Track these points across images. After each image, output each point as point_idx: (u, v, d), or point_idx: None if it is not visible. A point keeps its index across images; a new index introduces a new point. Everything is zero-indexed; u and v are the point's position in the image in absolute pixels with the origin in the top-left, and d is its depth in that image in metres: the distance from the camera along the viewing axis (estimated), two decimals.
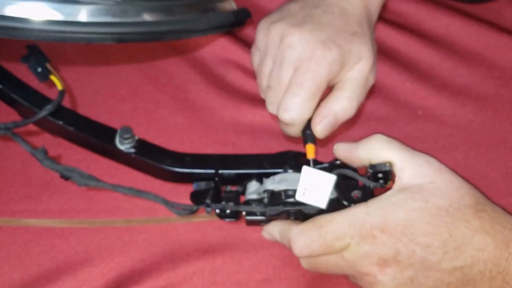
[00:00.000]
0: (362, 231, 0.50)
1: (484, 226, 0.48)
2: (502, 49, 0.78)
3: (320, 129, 0.58)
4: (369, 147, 0.53)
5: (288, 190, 0.55)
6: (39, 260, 0.62)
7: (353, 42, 0.58)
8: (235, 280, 0.61)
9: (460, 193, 0.50)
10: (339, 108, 0.58)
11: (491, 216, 0.49)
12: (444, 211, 0.48)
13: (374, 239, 0.49)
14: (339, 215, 0.51)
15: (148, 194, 0.55)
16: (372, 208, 0.50)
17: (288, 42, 0.58)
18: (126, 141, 0.58)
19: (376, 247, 0.49)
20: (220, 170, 0.59)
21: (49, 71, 0.55)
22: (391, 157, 0.52)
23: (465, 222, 0.48)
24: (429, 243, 0.48)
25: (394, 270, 0.50)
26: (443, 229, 0.48)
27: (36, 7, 0.48)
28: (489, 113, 0.74)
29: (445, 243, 0.48)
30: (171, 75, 0.78)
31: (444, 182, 0.50)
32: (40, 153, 0.53)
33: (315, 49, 0.57)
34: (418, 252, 0.49)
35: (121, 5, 0.51)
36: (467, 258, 0.48)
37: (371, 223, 0.49)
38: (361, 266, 0.51)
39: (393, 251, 0.49)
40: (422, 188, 0.50)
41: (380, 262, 0.50)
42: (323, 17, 0.60)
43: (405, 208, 0.49)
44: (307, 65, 0.57)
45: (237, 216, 0.58)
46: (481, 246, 0.48)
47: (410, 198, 0.49)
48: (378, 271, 0.50)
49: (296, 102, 0.57)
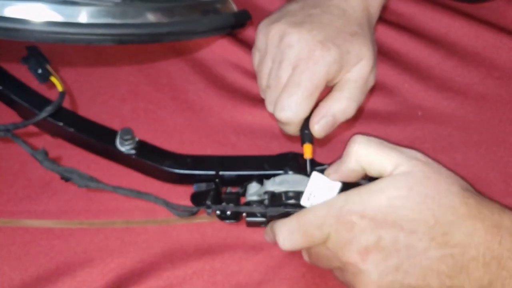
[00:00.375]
0: (340, 218, 0.49)
1: (471, 212, 0.47)
2: (501, 49, 0.78)
3: (318, 129, 0.58)
4: (355, 158, 0.51)
5: (288, 192, 0.55)
6: (39, 261, 0.62)
7: (352, 42, 0.58)
8: (235, 281, 0.61)
9: (448, 182, 0.48)
10: (338, 109, 0.58)
11: (477, 201, 0.48)
12: (429, 199, 0.47)
13: (353, 226, 0.48)
14: (319, 205, 0.51)
15: (148, 196, 0.55)
16: (352, 195, 0.49)
17: (287, 41, 0.58)
18: (127, 142, 0.58)
19: (356, 234, 0.48)
20: (221, 171, 0.59)
21: (49, 73, 0.55)
22: (381, 160, 0.50)
23: (452, 209, 0.47)
24: (413, 229, 0.47)
25: (376, 257, 0.48)
26: (428, 215, 0.47)
27: (36, 8, 0.48)
28: (489, 113, 0.74)
29: (432, 228, 0.47)
30: (171, 76, 0.78)
31: (432, 172, 0.49)
32: (40, 155, 0.53)
33: (314, 49, 0.57)
34: (402, 239, 0.47)
35: (121, 7, 0.51)
36: (456, 244, 0.47)
37: (349, 209, 0.49)
38: (343, 255, 0.49)
39: (374, 237, 0.48)
40: (408, 176, 0.48)
41: (361, 250, 0.48)
42: (323, 17, 0.60)
43: (387, 195, 0.48)
44: (305, 64, 0.56)
45: (238, 218, 0.58)
46: (470, 231, 0.47)
47: (392, 185, 0.48)
48: (360, 260, 0.48)
49: (292, 101, 0.56)
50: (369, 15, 0.63)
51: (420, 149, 0.69)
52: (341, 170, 0.52)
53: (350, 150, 0.51)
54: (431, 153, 0.69)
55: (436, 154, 0.69)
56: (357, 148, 0.50)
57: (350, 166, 0.51)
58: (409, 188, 0.48)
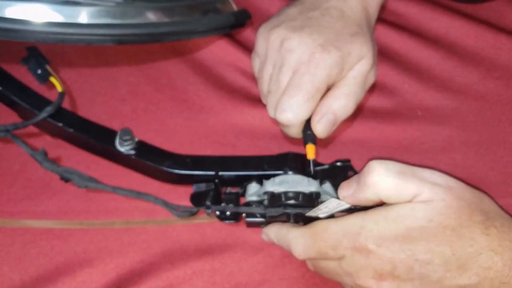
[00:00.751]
0: (356, 243, 0.48)
1: (491, 244, 0.46)
2: (501, 49, 0.78)
3: (320, 128, 0.57)
4: (373, 190, 0.49)
5: (288, 192, 0.55)
6: (38, 261, 0.62)
7: (353, 43, 0.58)
8: (235, 281, 0.61)
9: (470, 209, 0.47)
10: (337, 106, 0.58)
11: (500, 231, 0.47)
12: (449, 231, 0.46)
13: (369, 253, 0.48)
14: (334, 223, 0.50)
15: (148, 196, 0.55)
16: (368, 221, 0.49)
17: (288, 46, 0.58)
18: (126, 143, 0.58)
19: (372, 261, 0.48)
20: (220, 172, 0.59)
21: (49, 73, 0.55)
22: (400, 191, 0.48)
23: (471, 241, 0.46)
24: (429, 261, 0.47)
25: (391, 284, 0.48)
26: (446, 247, 0.46)
27: (36, 9, 0.48)
28: (489, 114, 0.74)
29: (448, 261, 0.47)
30: (171, 76, 0.78)
31: (455, 200, 0.47)
32: (40, 155, 0.54)
33: (315, 52, 0.57)
34: (416, 269, 0.47)
35: (121, 7, 0.51)
36: (472, 276, 0.47)
37: (366, 237, 0.48)
38: (358, 278, 0.50)
39: (389, 266, 0.48)
40: (429, 206, 0.47)
41: (376, 276, 0.49)
42: (322, 20, 0.60)
43: (405, 225, 0.47)
44: (306, 68, 0.57)
45: (237, 218, 0.58)
46: (488, 265, 0.46)
47: (411, 216, 0.47)
48: (375, 284, 0.49)
49: (293, 103, 0.56)
50: (368, 15, 0.63)
51: (419, 150, 0.70)
52: (357, 198, 0.51)
53: (368, 181, 0.49)
54: (431, 153, 0.69)
55: (435, 154, 0.69)
56: (376, 180, 0.48)
57: (368, 196, 0.50)
58: (429, 220, 0.47)
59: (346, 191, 0.52)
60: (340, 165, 0.57)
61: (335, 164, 0.58)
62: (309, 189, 0.55)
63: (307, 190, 0.55)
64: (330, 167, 0.58)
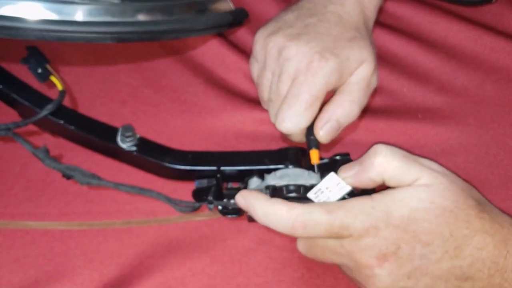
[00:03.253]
0: (367, 223, 0.49)
1: (484, 226, 0.49)
2: (500, 53, 0.79)
3: (323, 134, 0.58)
4: (378, 170, 0.50)
5: (289, 185, 0.55)
6: (38, 263, 0.62)
7: (352, 48, 0.58)
8: (234, 283, 0.61)
9: (465, 194, 0.50)
10: (341, 113, 0.58)
11: (491, 215, 0.50)
12: (448, 212, 0.48)
13: (377, 233, 0.49)
14: (347, 203, 0.50)
15: (150, 192, 0.55)
16: (377, 202, 0.49)
17: (286, 55, 0.58)
18: (128, 139, 0.58)
19: (378, 241, 0.49)
20: (222, 167, 0.59)
21: (49, 72, 0.56)
22: (403, 173, 0.50)
23: (467, 223, 0.48)
24: (430, 242, 0.48)
25: (392, 265, 0.49)
26: (445, 229, 0.48)
27: (35, 7, 0.48)
28: (488, 117, 0.74)
29: (446, 242, 0.48)
30: (171, 78, 0.79)
31: (451, 184, 0.50)
32: (41, 153, 0.54)
33: (312, 61, 0.57)
34: (418, 249, 0.49)
35: (120, 5, 0.51)
36: (466, 257, 0.49)
37: (376, 217, 0.49)
38: (360, 257, 0.50)
39: (394, 246, 0.49)
40: (430, 188, 0.49)
41: (380, 256, 0.49)
42: (320, 27, 0.60)
43: (409, 207, 0.49)
44: (303, 76, 0.57)
45: (239, 213, 0.58)
46: (481, 245, 0.48)
47: (415, 197, 0.49)
48: (377, 264, 0.50)
49: (291, 113, 0.57)
50: (366, 18, 0.63)
51: (420, 153, 0.70)
52: (360, 178, 0.52)
53: (374, 161, 0.50)
54: (431, 156, 0.69)
55: (436, 157, 0.69)
56: (382, 161, 0.50)
57: (372, 176, 0.51)
58: (430, 201, 0.49)
59: (347, 172, 0.52)
60: (340, 159, 0.58)
61: (335, 158, 0.58)
62: (310, 182, 0.55)
63: (308, 183, 0.55)
64: (330, 161, 0.58)
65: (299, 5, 0.64)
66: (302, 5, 0.63)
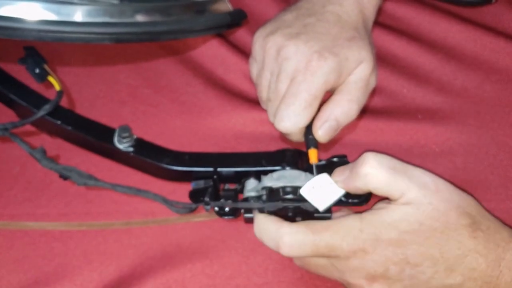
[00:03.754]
0: (354, 246, 0.49)
1: (477, 247, 0.49)
2: (499, 53, 0.78)
3: (322, 134, 0.58)
4: (364, 180, 0.50)
5: (286, 187, 0.55)
6: (38, 264, 0.62)
7: (350, 47, 0.58)
8: (234, 284, 0.61)
9: (458, 212, 0.49)
10: (339, 112, 0.58)
11: (485, 234, 0.49)
12: (438, 233, 0.48)
13: (365, 256, 0.49)
14: (334, 224, 0.50)
15: (147, 193, 0.55)
16: (366, 224, 0.49)
17: (284, 54, 0.58)
18: (125, 140, 0.58)
19: (366, 263, 0.49)
20: (219, 168, 0.59)
21: (46, 72, 0.56)
22: (389, 187, 0.50)
23: (459, 243, 0.48)
24: (419, 263, 0.49)
25: (382, 284, 0.50)
26: (435, 250, 0.48)
27: (34, 7, 0.48)
28: (488, 117, 0.74)
29: (436, 263, 0.49)
30: (170, 78, 0.79)
31: (442, 203, 0.49)
32: (38, 153, 0.54)
33: (311, 60, 0.57)
34: (407, 270, 0.49)
35: (119, 6, 0.51)
36: (457, 276, 0.49)
37: (364, 240, 0.49)
38: (350, 277, 0.51)
39: (382, 268, 0.49)
40: (419, 210, 0.49)
41: (369, 277, 0.50)
42: (318, 26, 0.60)
43: (398, 230, 0.49)
44: (302, 76, 0.57)
45: (236, 214, 0.58)
46: (473, 266, 0.48)
47: (405, 220, 0.49)
48: (366, 284, 0.50)
49: (290, 112, 0.57)
50: (365, 18, 0.63)
51: (419, 153, 0.70)
52: (348, 185, 0.52)
53: (360, 171, 0.50)
54: (431, 156, 0.69)
55: (435, 158, 0.69)
56: (368, 172, 0.50)
57: (358, 185, 0.51)
58: (420, 223, 0.48)
59: (339, 176, 0.53)
60: (337, 160, 0.58)
61: (332, 160, 0.58)
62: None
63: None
64: (327, 163, 0.58)
65: (298, 5, 0.64)
66: (301, 5, 0.63)
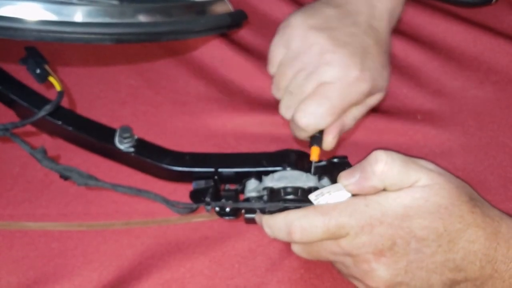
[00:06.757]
0: (361, 221, 0.50)
1: (476, 220, 0.50)
2: (499, 54, 0.79)
3: (333, 142, 0.61)
4: (380, 177, 0.51)
5: (287, 187, 0.55)
6: (37, 264, 0.62)
7: (381, 76, 0.61)
8: (233, 284, 0.61)
9: (459, 191, 0.51)
10: (348, 127, 0.63)
11: (482, 210, 0.51)
12: (443, 209, 0.50)
13: (372, 230, 0.50)
14: (341, 204, 0.52)
15: (148, 193, 0.55)
16: (371, 200, 0.51)
17: (327, 59, 0.59)
18: (126, 140, 0.58)
19: (373, 238, 0.50)
20: (219, 168, 0.59)
21: (47, 73, 0.55)
22: (403, 178, 0.51)
23: (460, 218, 0.50)
24: (424, 237, 0.50)
25: (389, 259, 0.51)
26: (439, 224, 0.49)
27: (34, 8, 0.48)
28: (487, 118, 0.74)
29: (440, 236, 0.50)
30: (171, 79, 0.79)
31: (446, 182, 0.51)
32: (39, 153, 0.53)
33: (352, 76, 0.59)
34: (412, 244, 0.50)
35: (119, 7, 0.51)
36: (459, 250, 0.50)
37: (370, 215, 0.50)
38: (357, 255, 0.51)
39: (389, 242, 0.50)
40: (426, 188, 0.50)
41: (376, 251, 0.50)
42: (364, 41, 0.61)
43: (403, 205, 0.50)
44: (340, 85, 0.59)
45: (237, 214, 0.58)
46: (473, 239, 0.50)
47: (410, 196, 0.50)
48: (374, 259, 0.51)
49: (318, 111, 0.58)
50: (390, 35, 0.66)
51: (419, 154, 0.70)
52: (362, 186, 0.52)
53: (375, 169, 0.51)
54: (431, 157, 0.69)
55: (435, 158, 0.69)
56: (383, 169, 0.50)
57: (374, 184, 0.51)
58: (425, 199, 0.50)
59: (348, 180, 0.53)
60: (337, 161, 0.58)
61: (333, 160, 0.58)
62: (308, 184, 0.55)
63: (306, 185, 0.55)
64: (327, 163, 0.58)
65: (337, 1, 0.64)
66: (340, 2, 0.64)
